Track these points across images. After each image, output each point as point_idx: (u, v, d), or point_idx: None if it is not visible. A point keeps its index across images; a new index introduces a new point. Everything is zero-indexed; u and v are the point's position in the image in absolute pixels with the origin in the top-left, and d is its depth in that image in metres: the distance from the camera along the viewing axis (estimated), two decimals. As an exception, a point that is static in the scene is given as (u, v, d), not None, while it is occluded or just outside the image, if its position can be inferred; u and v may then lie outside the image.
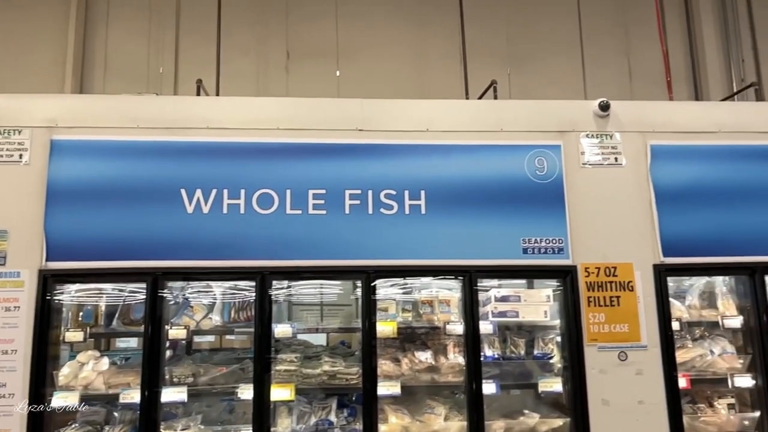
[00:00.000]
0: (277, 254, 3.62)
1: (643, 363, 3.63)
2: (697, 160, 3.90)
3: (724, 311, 3.87)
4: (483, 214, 3.77)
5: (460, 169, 3.82)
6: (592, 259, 3.76)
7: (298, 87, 6.96)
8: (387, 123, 3.87)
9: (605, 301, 3.71)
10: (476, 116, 3.97)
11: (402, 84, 7.09)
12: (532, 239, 3.76)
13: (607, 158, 3.87)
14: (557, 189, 3.83)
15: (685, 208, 3.82)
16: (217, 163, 3.69)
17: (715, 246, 3.79)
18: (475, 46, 7.03)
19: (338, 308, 4.37)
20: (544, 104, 4.06)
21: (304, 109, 3.90)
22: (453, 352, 3.79)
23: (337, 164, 3.76)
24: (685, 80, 7.46)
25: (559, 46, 7.41)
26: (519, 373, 3.86)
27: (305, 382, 3.72)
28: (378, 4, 7.39)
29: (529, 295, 3.91)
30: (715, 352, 3.78)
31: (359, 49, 7.23)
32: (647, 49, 7.39)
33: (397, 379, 3.70)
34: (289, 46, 7.21)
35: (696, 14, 7.49)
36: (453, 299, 3.94)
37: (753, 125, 3.98)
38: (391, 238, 3.70)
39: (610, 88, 7.25)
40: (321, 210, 3.69)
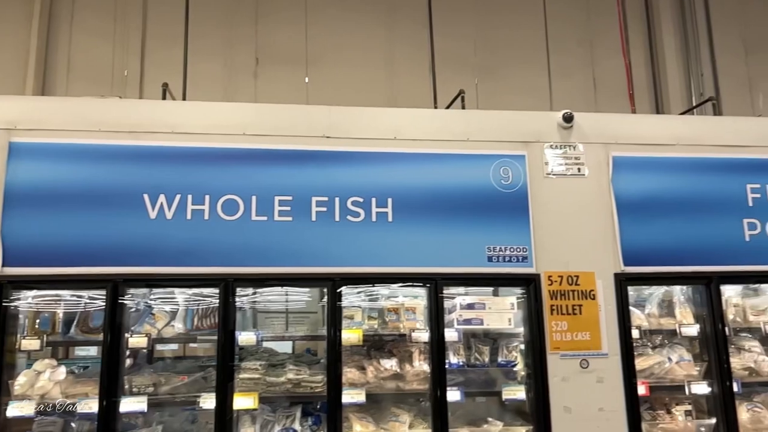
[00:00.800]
0: (242, 261, 3.58)
1: (604, 371, 3.70)
2: (656, 171, 4.00)
3: (681, 319, 3.97)
4: (449, 222, 3.80)
5: (427, 178, 3.85)
6: (555, 267, 3.82)
7: (266, 93, 6.92)
8: (355, 130, 3.87)
9: (568, 309, 3.77)
10: (443, 125, 4.00)
11: (371, 91, 7.11)
12: (497, 247, 3.80)
13: (570, 168, 3.94)
14: (522, 198, 3.88)
15: (645, 218, 3.91)
16: (181, 169, 3.64)
17: (674, 255, 3.89)
18: (444, 55, 7.11)
19: (304, 316, 4.34)
20: (510, 115, 4.12)
21: (271, 115, 3.88)
22: (418, 359, 3.80)
23: (304, 171, 3.74)
24: (647, 93, 7.66)
25: (526, 57, 7.53)
26: (483, 380, 3.89)
27: (269, 391, 3.68)
28: (348, 11, 7.41)
29: (493, 303, 3.95)
30: (673, 359, 3.87)
31: (329, 55, 7.23)
32: (611, 61, 7.57)
33: (362, 386, 3.69)
34: (258, 52, 7.18)
35: (658, 29, 7.71)
36: (419, 307, 3.95)
37: (710, 138, 4.10)
38: (357, 245, 3.70)
39: (576, 99, 7.40)
40: (287, 217, 3.66)
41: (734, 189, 4.02)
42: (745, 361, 3.94)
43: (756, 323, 4.03)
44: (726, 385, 3.76)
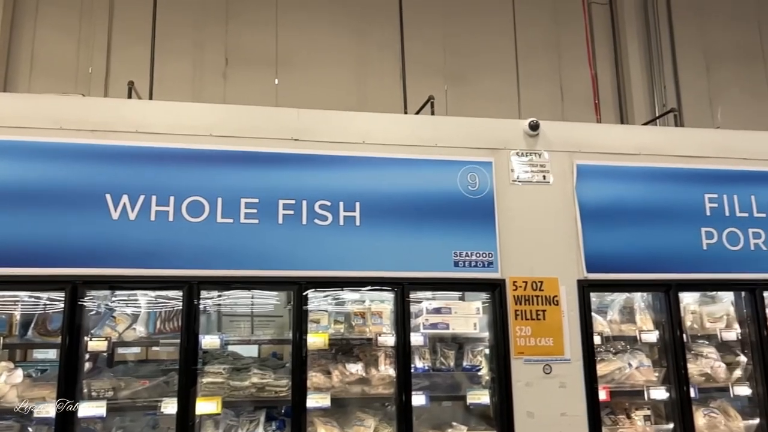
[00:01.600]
0: (207, 263, 3.53)
1: (567, 376, 3.75)
2: (619, 179, 4.08)
3: (642, 326, 4.06)
4: (417, 226, 3.81)
5: (396, 182, 3.86)
6: (520, 273, 3.87)
7: (235, 94, 6.85)
8: (323, 134, 3.86)
9: (532, 314, 3.81)
10: (412, 131, 4.02)
11: (342, 95, 7.11)
12: (463, 253, 3.83)
13: (535, 176, 4.00)
14: (488, 204, 3.92)
15: (608, 225, 3.99)
16: (145, 169, 3.57)
17: (635, 263, 3.97)
18: (414, 60, 7.15)
19: (270, 319, 4.30)
20: (478, 122, 4.16)
21: (238, 116, 3.85)
22: (384, 363, 3.80)
23: (272, 173, 3.72)
24: (612, 103, 7.83)
25: (496, 65, 7.63)
26: (448, 384, 3.91)
27: (233, 395, 3.64)
28: (319, 14, 7.39)
29: (459, 308, 3.99)
30: (633, 365, 3.95)
31: (299, 58, 7.20)
32: (578, 71, 7.72)
33: (327, 391, 3.68)
34: (228, 52, 7.11)
35: (623, 42, 7.89)
36: (385, 311, 3.96)
37: (671, 149, 4.21)
38: (324, 249, 3.69)
39: (543, 108, 7.52)
40: (253, 219, 3.63)
41: (693, 198, 4.13)
42: (702, 367, 4.04)
43: (712, 330, 4.14)
44: (683, 391, 3.85)
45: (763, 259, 4.11)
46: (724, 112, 7.72)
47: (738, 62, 8.28)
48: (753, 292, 4.08)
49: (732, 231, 4.12)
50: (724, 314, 4.15)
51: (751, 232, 4.14)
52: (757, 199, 4.19)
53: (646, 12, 8.15)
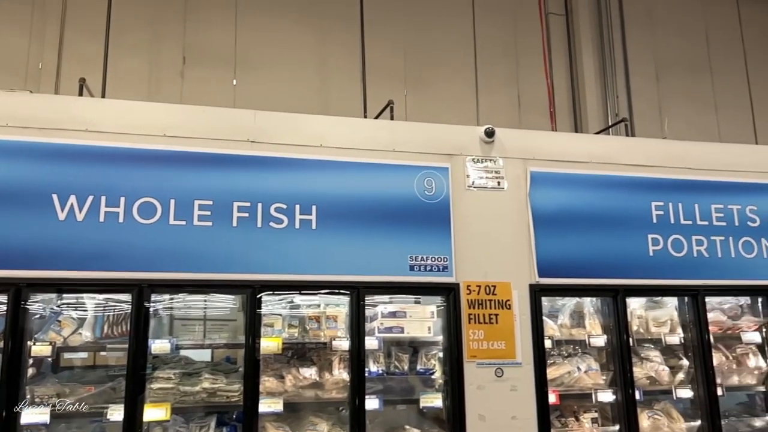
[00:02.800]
0: (158, 266, 3.46)
1: (518, 379, 3.81)
2: (571, 187, 4.18)
3: (591, 330, 4.16)
4: (373, 230, 3.82)
5: (352, 186, 3.86)
6: (474, 277, 3.92)
7: (193, 93, 6.74)
8: (280, 136, 3.84)
9: (485, 318, 3.87)
10: (370, 135, 4.03)
11: (302, 97, 7.07)
12: (419, 257, 3.86)
13: (490, 182, 4.06)
14: (444, 209, 3.96)
15: (559, 231, 4.08)
16: (95, 169, 3.48)
17: (585, 268, 4.07)
18: (375, 65, 7.17)
19: (223, 323, 4.25)
20: (435, 127, 4.20)
21: (194, 117, 3.79)
22: (338, 368, 3.80)
23: (227, 175, 3.67)
24: (567, 111, 8.01)
25: (455, 72, 7.72)
26: (402, 388, 3.93)
27: (183, 401, 3.57)
28: (280, 15, 7.34)
29: (414, 312, 4.01)
30: (582, 368, 4.05)
31: (259, 59, 7.13)
32: (535, 80, 7.88)
33: (280, 395, 3.65)
34: (186, 51, 6.99)
35: (578, 52, 8.09)
36: (340, 315, 3.95)
37: (620, 157, 4.33)
38: (279, 252, 3.66)
39: (501, 114, 7.65)
40: (207, 221, 3.58)
41: (640, 206, 4.26)
42: (647, 370, 4.16)
43: (657, 334, 4.27)
44: (629, 394, 3.96)
45: (704, 265, 4.27)
46: (672, 122, 7.99)
47: (686, 74, 8.59)
48: (695, 297, 4.23)
49: (676, 238, 4.26)
50: (669, 319, 4.29)
51: (694, 239, 4.29)
52: (700, 208, 4.35)
53: (600, 23, 8.38)
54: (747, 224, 4.41)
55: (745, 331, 4.40)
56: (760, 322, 4.41)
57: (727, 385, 4.26)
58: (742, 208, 4.43)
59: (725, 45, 8.87)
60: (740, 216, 4.41)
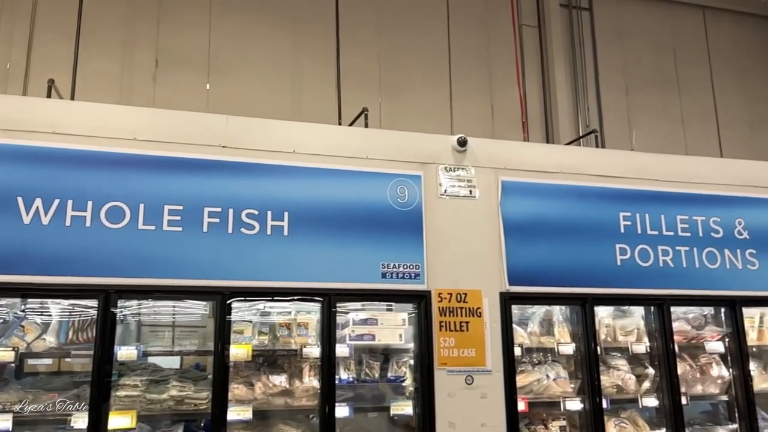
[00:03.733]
0: (126, 272, 3.41)
1: (488, 387, 3.84)
2: (541, 196, 4.23)
3: (560, 338, 4.21)
4: (345, 237, 3.82)
5: (326, 193, 3.85)
6: (446, 285, 3.94)
7: (165, 97, 6.67)
8: (253, 142, 3.82)
9: (456, 326, 3.89)
10: (344, 142, 4.04)
11: (276, 103, 7.05)
12: (391, 264, 3.87)
13: (462, 190, 4.10)
14: (416, 217, 3.98)
15: (530, 240, 4.13)
16: (62, 172, 3.42)
17: (554, 277, 4.12)
18: (350, 72, 7.19)
19: (192, 330, 4.19)
20: (408, 136, 4.23)
21: (165, 121, 3.75)
22: (308, 375, 3.78)
23: (198, 180, 3.64)
24: (539, 122, 8.13)
25: (430, 81, 7.78)
26: (373, 396, 3.92)
27: (149, 408, 3.51)
28: (255, 21, 7.32)
29: (386, 319, 4.01)
30: (551, 376, 4.09)
31: (233, 64, 7.09)
32: (508, 90, 7.99)
33: (249, 403, 3.61)
34: (159, 54, 6.92)
35: (551, 64, 8.23)
36: (312, 322, 3.93)
37: (590, 168, 4.40)
38: (250, 258, 3.63)
39: (475, 124, 7.73)
40: (177, 227, 3.53)
41: (609, 216, 4.33)
42: (614, 379, 4.22)
43: (624, 343, 4.33)
44: (596, 402, 4.01)
45: (670, 275, 4.36)
46: (641, 134, 8.16)
47: (655, 88, 8.80)
48: (661, 306, 4.31)
49: (643, 248, 4.35)
50: (635, 328, 4.37)
51: (660, 250, 4.38)
52: (666, 218, 4.45)
53: (572, 36, 8.54)
54: (711, 235, 4.53)
55: (709, 340, 4.49)
56: (722, 332, 4.52)
57: (691, 394, 4.35)
58: (706, 220, 4.54)
59: (692, 61, 9.11)
60: (704, 227, 4.52)
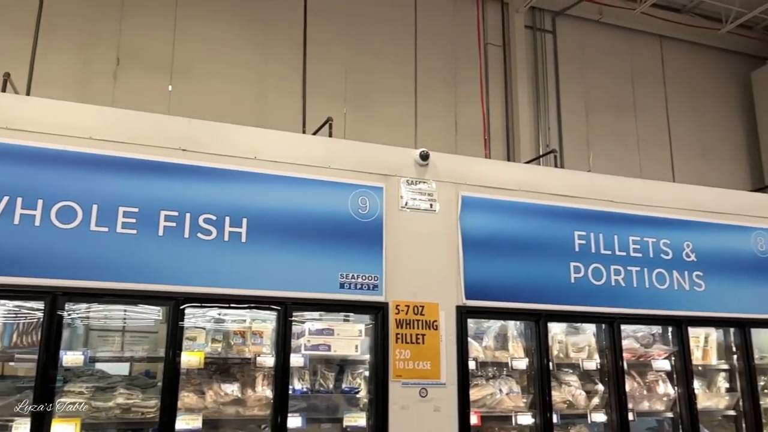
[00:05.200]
0: (75, 273, 3.30)
1: (441, 400, 3.85)
2: (500, 212, 4.30)
3: (513, 353, 4.26)
4: (304, 246, 3.80)
5: (286, 201, 3.83)
6: (403, 297, 3.95)
7: (125, 97, 6.53)
8: (214, 146, 3.77)
9: (412, 338, 3.90)
10: (306, 150, 4.02)
11: (239, 109, 6.98)
12: (350, 275, 3.86)
13: (423, 204, 4.13)
14: (377, 228, 3.99)
15: (487, 255, 4.18)
16: (12, 168, 3.30)
17: (510, 292, 4.18)
18: (316, 81, 7.20)
19: (143, 335, 4.08)
20: (372, 147, 4.25)
21: (124, 120, 3.67)
22: (262, 384, 3.72)
23: (155, 183, 3.56)
24: (501, 139, 8.28)
25: (396, 94, 7.85)
26: (326, 406, 3.88)
27: (94, 416, 3.40)
28: (221, 25, 7.26)
29: (342, 330, 3.99)
30: (504, 391, 4.13)
31: (197, 67, 7.01)
32: (472, 107, 8.12)
33: (199, 412, 3.54)
34: (121, 52, 6.79)
35: (514, 83, 8.41)
36: (266, 330, 3.88)
37: (547, 187, 4.49)
38: (206, 264, 3.57)
39: (439, 138, 7.82)
40: (131, 229, 3.45)
41: (564, 235, 4.43)
42: (565, 394, 4.29)
43: (576, 359, 4.42)
44: (547, 417, 4.06)
45: (621, 294, 4.47)
46: (598, 156, 8.39)
47: (613, 112, 9.08)
48: (612, 324, 4.42)
49: (597, 267, 4.46)
50: (587, 345, 4.46)
51: (612, 269, 4.49)
52: (619, 239, 4.57)
53: (536, 57, 8.75)
54: (660, 256, 4.67)
55: (656, 358, 4.62)
56: (669, 350, 4.65)
57: (638, 411, 4.45)
58: (656, 241, 4.68)
59: (649, 87, 9.44)
60: (655, 249, 4.67)
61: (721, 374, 4.85)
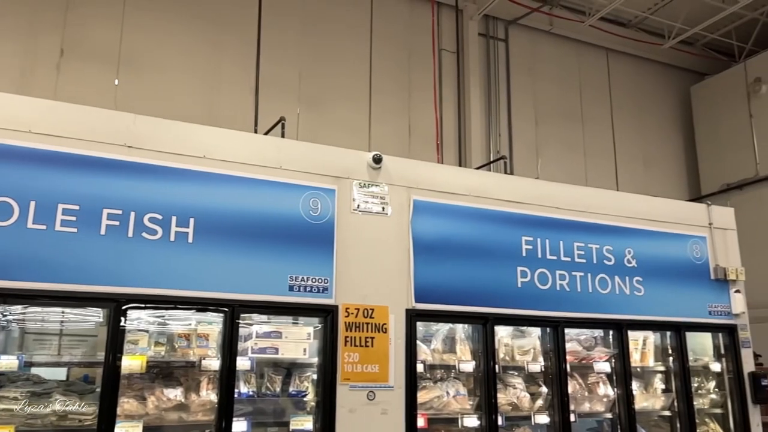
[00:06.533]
0: (10, 274, 3.16)
1: (389, 403, 3.86)
2: (450, 217, 4.35)
3: (461, 356, 4.31)
4: (254, 248, 3.75)
5: (236, 201, 3.77)
6: (354, 300, 3.94)
7: (69, 89, 6.30)
8: (162, 144, 3.67)
9: (361, 341, 3.90)
10: (258, 150, 3.97)
11: (190, 107, 6.83)
12: (300, 277, 3.83)
13: (375, 207, 4.14)
14: (328, 231, 3.97)
15: (437, 259, 4.22)
16: (-58, 162, 3.14)
17: (459, 295, 4.23)
18: (269, 80, 7.12)
19: (82, 339, 3.93)
20: (324, 149, 4.22)
21: (66, 114, 3.53)
22: (206, 388, 3.64)
23: (98, 180, 3.44)
24: (454, 144, 8.39)
25: (350, 96, 7.84)
26: (273, 410, 3.83)
27: (29, 424, 3.25)
28: (173, 20, 7.09)
29: (290, 332, 3.95)
30: (451, 393, 4.18)
31: (146, 61, 6.82)
32: (426, 112, 8.18)
33: (140, 418, 3.43)
34: (65, 43, 6.54)
35: (467, 89, 8.53)
36: (213, 333, 3.80)
37: (496, 193, 4.57)
38: (151, 265, 3.48)
39: (392, 142, 7.85)
40: (71, 227, 3.32)
41: (512, 239, 4.51)
42: (510, 397, 4.37)
43: (521, 362, 4.51)
44: (492, 419, 4.14)
45: (565, 298, 4.59)
46: (546, 163, 8.61)
47: (561, 120, 9.32)
48: (556, 328, 4.53)
49: (542, 272, 4.56)
50: (532, 348, 4.56)
51: (557, 274, 4.61)
52: (564, 245, 4.70)
53: (488, 64, 8.90)
54: (603, 262, 4.82)
55: (597, 361, 4.76)
56: (610, 353, 4.81)
57: (579, 412, 4.58)
58: (599, 248, 4.83)
59: (596, 97, 9.75)
60: (598, 255, 4.82)
61: (658, 376, 5.05)
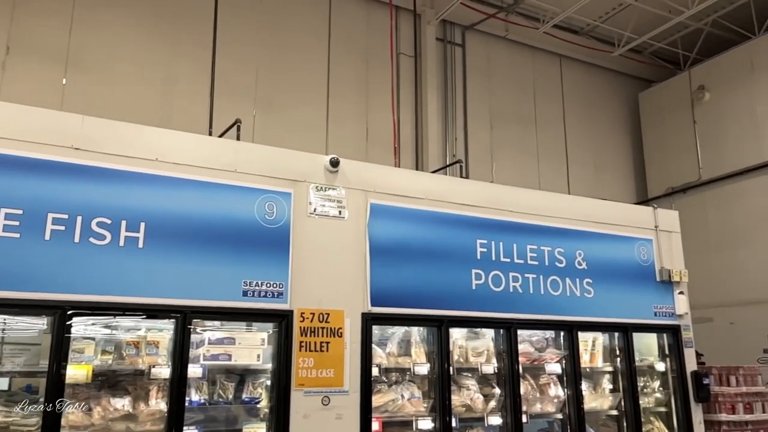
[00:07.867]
0: (-54, 280, 3.03)
1: (344, 407, 3.85)
2: (406, 220, 4.37)
3: (416, 359, 4.34)
4: (207, 253, 3.68)
5: (188, 205, 3.70)
6: (309, 304, 3.92)
7: (14, 89, 6.06)
8: (111, 146, 3.57)
9: (316, 346, 3.87)
10: (212, 153, 3.90)
11: (141, 108, 6.65)
12: (254, 282, 3.78)
13: (332, 210, 4.12)
14: (284, 235, 3.93)
15: (393, 262, 4.24)
16: None
17: (414, 298, 4.26)
18: (225, 82, 7.01)
19: (24, 347, 3.78)
20: (280, 152, 4.18)
21: (10, 115, 3.41)
22: (156, 397, 3.56)
23: (43, 183, 3.33)
24: (411, 148, 8.43)
25: (307, 99, 7.79)
26: (225, 418, 3.78)
27: (-34, 436, 3.12)
28: (126, 18, 6.90)
29: (243, 339, 3.90)
30: (405, 396, 4.19)
31: (96, 60, 6.62)
32: (384, 115, 8.20)
33: (85, 429, 3.33)
34: (11, 40, 6.29)
35: (424, 93, 8.59)
36: (163, 340, 3.71)
37: (452, 196, 4.62)
38: (98, 271, 3.38)
39: (350, 145, 7.84)
40: (13, 233, 3.20)
41: (467, 243, 4.57)
42: (464, 398, 4.42)
43: (475, 364, 4.56)
44: (446, 421, 4.17)
45: (519, 300, 4.68)
46: (501, 167, 8.75)
47: (516, 124, 9.49)
48: (509, 329, 4.61)
49: (496, 274, 4.63)
50: (486, 349, 4.62)
51: (511, 276, 4.69)
52: (518, 247, 4.78)
53: (445, 69, 8.99)
54: (555, 264, 4.93)
55: (549, 362, 4.86)
56: (561, 354, 4.91)
57: (531, 413, 4.67)
58: (551, 250, 4.94)
59: (549, 102, 9.96)
60: (550, 257, 4.92)
61: (606, 376, 5.19)
